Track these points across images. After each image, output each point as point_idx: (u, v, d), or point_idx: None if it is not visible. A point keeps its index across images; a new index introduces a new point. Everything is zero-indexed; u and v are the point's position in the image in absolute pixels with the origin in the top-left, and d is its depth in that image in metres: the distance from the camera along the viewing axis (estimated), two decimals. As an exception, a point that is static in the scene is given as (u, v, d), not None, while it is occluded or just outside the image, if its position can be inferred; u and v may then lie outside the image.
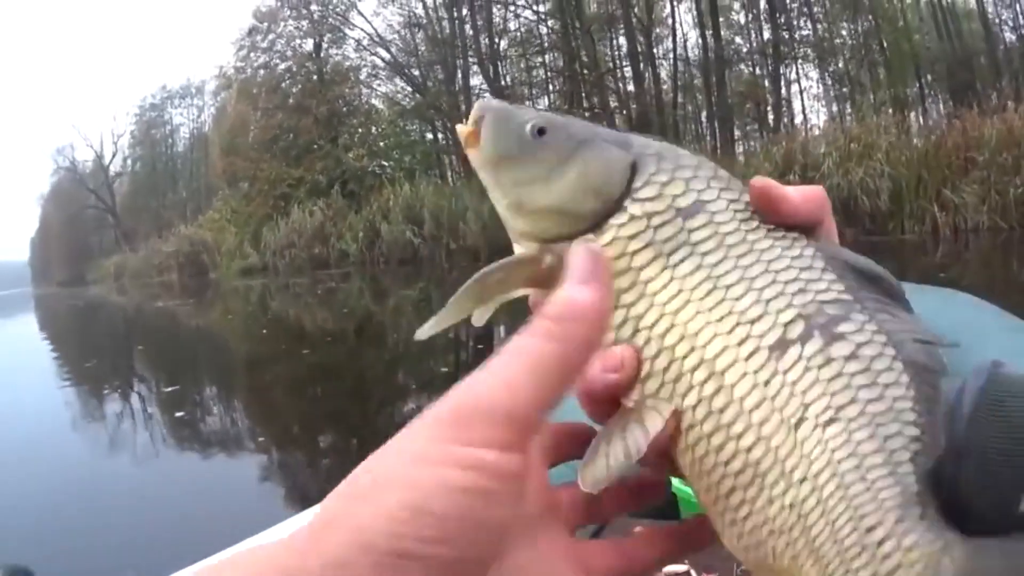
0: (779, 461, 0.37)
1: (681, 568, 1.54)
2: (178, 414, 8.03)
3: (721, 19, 27.16)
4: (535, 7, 29.31)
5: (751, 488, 0.38)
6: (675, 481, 1.56)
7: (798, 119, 26.33)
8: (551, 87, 30.07)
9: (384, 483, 0.30)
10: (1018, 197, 13.57)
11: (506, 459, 0.31)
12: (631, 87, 27.47)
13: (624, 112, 27.51)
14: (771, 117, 25.86)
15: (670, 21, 27.92)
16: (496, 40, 29.55)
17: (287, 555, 0.30)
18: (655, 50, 27.48)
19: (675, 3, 27.63)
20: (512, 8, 29.61)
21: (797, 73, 26.83)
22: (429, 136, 31.58)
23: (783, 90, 26.32)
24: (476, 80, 29.61)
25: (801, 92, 26.86)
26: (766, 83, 26.32)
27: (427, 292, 17.09)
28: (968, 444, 0.34)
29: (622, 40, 27.73)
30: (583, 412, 0.41)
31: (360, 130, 30.84)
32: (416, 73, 30.98)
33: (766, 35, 26.28)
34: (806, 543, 0.37)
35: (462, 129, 0.44)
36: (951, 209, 14.32)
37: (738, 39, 27.61)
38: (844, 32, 25.86)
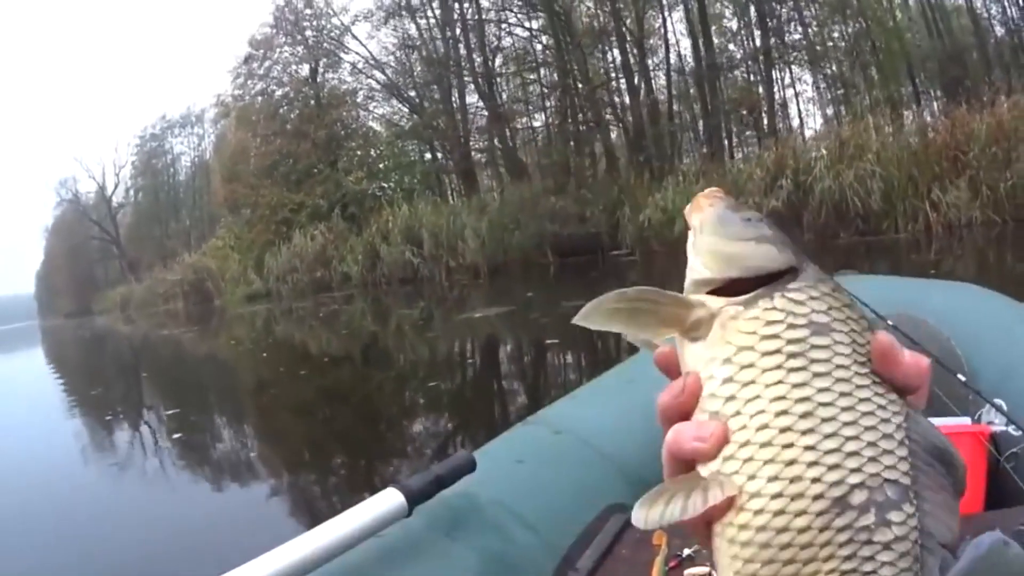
0: None
1: (703, 570, 1.57)
2: (176, 435, 8.20)
3: (714, 27, 27.31)
4: (526, 24, 29.54)
5: None
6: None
7: (795, 123, 26.43)
8: (546, 103, 30.22)
9: None
10: (1009, 191, 13.57)
11: None
12: (627, 99, 27.56)
13: (620, 124, 27.61)
14: (765, 122, 25.92)
15: (662, 31, 28.06)
16: (491, 58, 29.73)
17: None
18: (648, 61, 27.61)
19: (666, 13, 27.78)
20: (505, 26, 29.82)
21: (791, 78, 26.93)
22: (428, 156, 31.72)
23: (778, 95, 26.40)
24: (472, 98, 29.82)
25: (796, 96, 26.95)
26: (760, 89, 26.39)
27: (428, 311, 17.18)
28: None
29: (616, 52, 27.87)
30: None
31: (359, 153, 30.97)
32: (412, 94, 31.17)
33: (759, 42, 26.37)
34: None
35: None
36: (943, 206, 14.34)
37: (731, 46, 27.75)
38: (836, 34, 25.96)
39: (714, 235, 0.48)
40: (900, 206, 14.98)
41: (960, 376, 2.13)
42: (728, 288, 0.46)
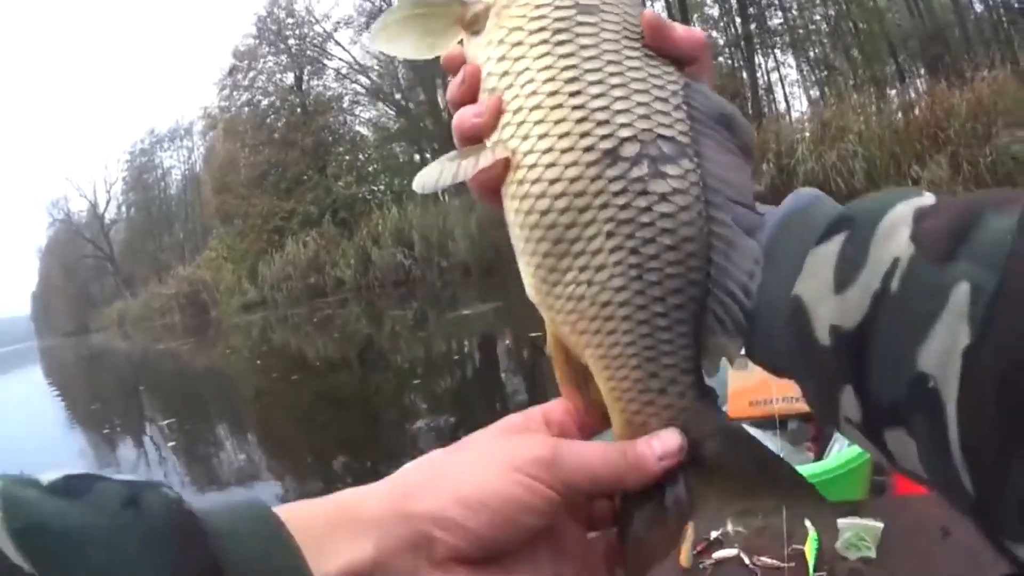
0: (586, 246, 0.44)
1: (731, 552, 1.54)
2: (171, 444, 8.30)
3: (696, 15, 27.32)
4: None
5: (558, 247, 0.44)
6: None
7: (781, 107, 26.46)
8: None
9: (466, 476, 0.43)
10: (989, 166, 13.60)
11: (557, 500, 0.43)
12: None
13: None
14: (750, 107, 25.96)
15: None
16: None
17: (378, 500, 0.42)
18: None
19: (648, 3, 27.77)
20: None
21: (776, 62, 26.95)
22: (417, 157, 31.71)
23: (762, 80, 26.43)
24: (458, 98, 29.74)
25: (781, 80, 26.98)
26: (743, 74, 26.42)
27: (421, 312, 17.23)
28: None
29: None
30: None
31: (347, 158, 31.01)
32: (398, 96, 31.20)
33: (740, 28, 26.39)
34: (588, 328, 0.45)
35: None
36: (924, 183, 14.37)
37: (713, 33, 27.76)
38: (817, 17, 25.97)
39: None
40: (883, 185, 14.99)
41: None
42: None
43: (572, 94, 0.43)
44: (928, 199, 0.41)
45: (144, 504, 0.34)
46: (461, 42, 0.50)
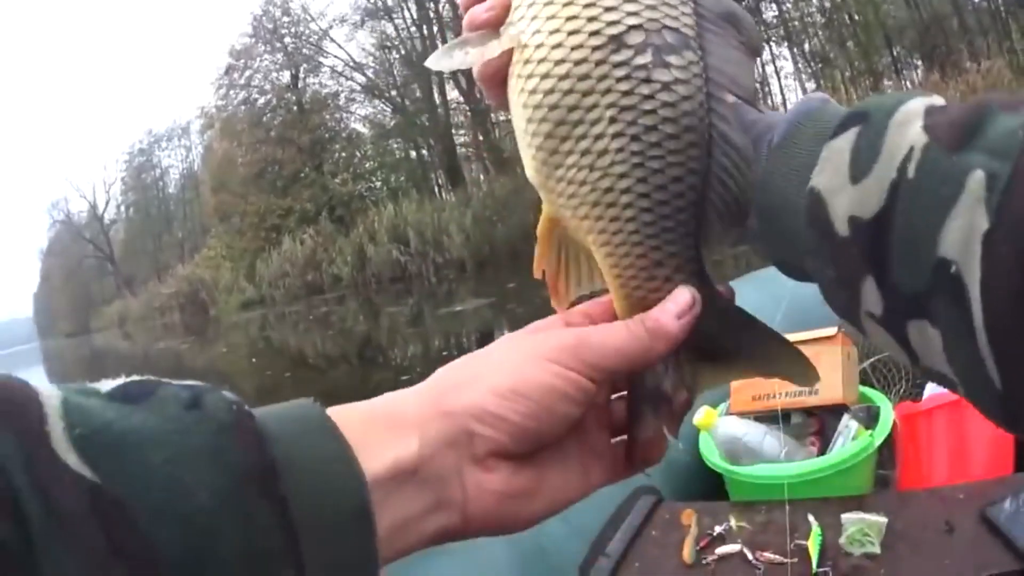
0: (588, 129, 0.44)
1: (734, 548, 1.53)
2: None
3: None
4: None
5: (560, 128, 0.44)
6: (718, 462, 1.73)
7: (777, 99, 26.42)
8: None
9: (500, 370, 0.43)
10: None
11: (591, 387, 0.43)
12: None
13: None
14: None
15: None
16: (470, 52, 29.70)
17: (416, 401, 0.43)
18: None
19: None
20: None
21: (771, 54, 26.93)
22: (413, 154, 31.76)
23: (757, 72, 26.32)
24: (454, 94, 29.83)
25: (777, 73, 26.96)
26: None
27: (416, 307, 17.26)
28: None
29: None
30: None
31: (343, 155, 31.03)
32: (394, 93, 31.20)
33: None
34: (591, 213, 0.46)
35: None
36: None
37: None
38: (813, 8, 25.94)
39: None
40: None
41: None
42: None
43: None
44: (938, 99, 0.42)
45: (206, 406, 0.34)
46: None
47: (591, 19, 0.43)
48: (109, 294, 52.24)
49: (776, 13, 26.31)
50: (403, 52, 30.65)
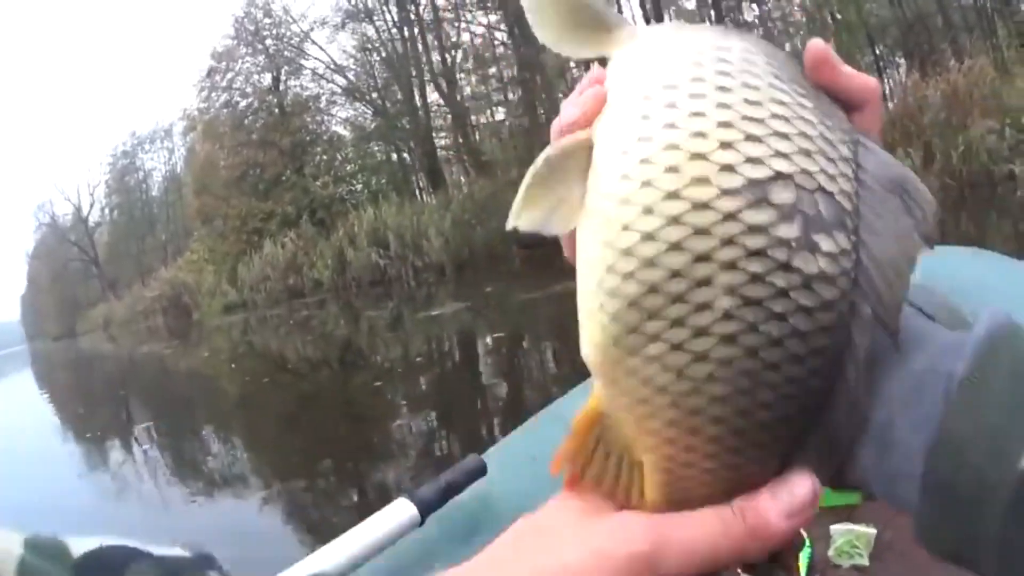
0: (690, 315, 0.31)
1: None
2: (157, 447, 8.63)
3: (673, 8, 27.39)
4: (487, 17, 29.53)
5: (650, 299, 0.31)
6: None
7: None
8: (508, 96, 30.27)
9: (552, 557, 0.34)
10: (962, 156, 13.65)
11: None
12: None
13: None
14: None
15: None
16: (450, 55, 29.74)
17: None
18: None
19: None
20: (463, 23, 29.81)
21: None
22: (394, 157, 31.75)
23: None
24: (434, 96, 29.85)
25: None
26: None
27: (396, 311, 17.36)
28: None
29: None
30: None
31: (324, 157, 30.96)
32: (375, 95, 31.17)
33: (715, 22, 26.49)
34: (661, 432, 0.33)
35: None
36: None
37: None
38: (795, 7, 26.02)
39: None
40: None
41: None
42: None
43: (719, 105, 0.32)
44: None
45: None
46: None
47: (725, 144, 0.30)
48: (94, 297, 51.99)
49: (757, 13, 26.44)
50: (384, 54, 30.63)
